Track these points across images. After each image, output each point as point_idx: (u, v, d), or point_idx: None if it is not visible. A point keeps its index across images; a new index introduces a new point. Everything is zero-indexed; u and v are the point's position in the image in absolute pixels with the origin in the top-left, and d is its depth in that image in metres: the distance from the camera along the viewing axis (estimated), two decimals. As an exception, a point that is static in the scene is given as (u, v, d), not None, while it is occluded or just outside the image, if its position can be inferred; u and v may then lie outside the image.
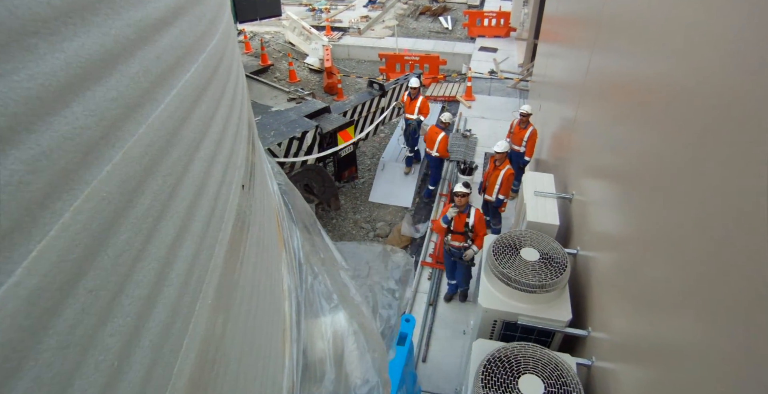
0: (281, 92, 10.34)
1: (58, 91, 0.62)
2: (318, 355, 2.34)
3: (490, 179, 6.57)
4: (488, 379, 2.87)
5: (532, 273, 3.49)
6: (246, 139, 1.68)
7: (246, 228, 1.49)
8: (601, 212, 3.42)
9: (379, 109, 8.59)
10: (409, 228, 7.32)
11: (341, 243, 3.66)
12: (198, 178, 1.06)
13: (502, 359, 3.00)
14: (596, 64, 4.04)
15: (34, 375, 0.57)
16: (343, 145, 7.46)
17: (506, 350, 3.05)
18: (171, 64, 0.95)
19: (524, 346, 3.11)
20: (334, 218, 7.86)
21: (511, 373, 2.90)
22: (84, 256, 0.65)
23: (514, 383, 2.85)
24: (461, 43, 15.23)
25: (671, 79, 2.28)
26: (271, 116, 7.28)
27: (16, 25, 0.56)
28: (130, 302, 0.76)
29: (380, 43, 14.90)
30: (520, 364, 2.95)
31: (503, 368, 2.94)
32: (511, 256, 3.65)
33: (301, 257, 2.56)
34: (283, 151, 6.56)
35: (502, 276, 3.54)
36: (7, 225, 0.53)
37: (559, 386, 2.80)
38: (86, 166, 0.66)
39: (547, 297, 3.50)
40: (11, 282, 0.53)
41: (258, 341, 1.56)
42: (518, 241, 3.77)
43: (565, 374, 2.87)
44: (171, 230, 0.91)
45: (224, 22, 1.50)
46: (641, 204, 2.47)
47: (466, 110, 10.79)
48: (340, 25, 16.86)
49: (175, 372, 0.91)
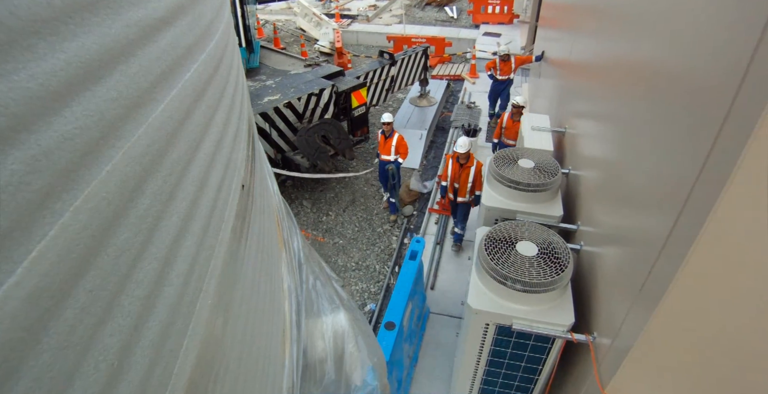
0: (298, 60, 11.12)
1: (58, 91, 0.62)
2: (318, 355, 2.34)
3: (460, 180, 6.23)
4: (490, 245, 3.36)
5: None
6: (246, 139, 1.68)
7: (246, 228, 1.49)
8: (587, 141, 4.00)
9: (389, 77, 9.26)
10: (418, 184, 7.92)
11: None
12: (198, 178, 1.06)
13: (501, 231, 3.50)
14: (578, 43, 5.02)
15: (34, 375, 0.57)
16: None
17: (506, 225, 3.55)
18: (171, 64, 0.95)
19: (521, 223, 3.59)
20: (347, 179, 8.62)
21: (509, 240, 3.42)
22: (84, 256, 0.65)
23: (512, 246, 3.37)
24: (466, 29, 16.32)
25: (629, 54, 3.05)
26: (290, 77, 8.09)
27: (16, 25, 0.56)
28: (130, 302, 0.76)
29: (388, 30, 15.58)
30: (518, 235, 3.47)
31: (503, 237, 3.44)
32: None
33: (301, 257, 2.55)
34: (302, 105, 7.38)
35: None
36: (7, 225, 0.53)
37: (551, 250, 3.28)
38: (86, 166, 0.66)
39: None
40: (11, 282, 0.53)
41: (258, 341, 1.56)
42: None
43: (556, 242, 3.34)
44: (171, 230, 0.91)
45: (224, 22, 1.50)
46: (616, 136, 3.19)
47: (470, 86, 11.88)
48: (348, 13, 17.64)
49: (175, 372, 0.91)
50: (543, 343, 3.30)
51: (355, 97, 8.14)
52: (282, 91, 7.47)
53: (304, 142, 7.33)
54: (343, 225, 7.81)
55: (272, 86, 7.72)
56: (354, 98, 8.12)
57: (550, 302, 3.21)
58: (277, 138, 7.40)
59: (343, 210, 8.08)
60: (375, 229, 7.77)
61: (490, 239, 3.48)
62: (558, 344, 3.24)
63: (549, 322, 3.11)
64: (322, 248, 7.36)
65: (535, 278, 3.11)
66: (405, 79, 9.79)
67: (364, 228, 7.77)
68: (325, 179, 8.32)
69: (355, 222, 7.89)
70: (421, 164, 8.98)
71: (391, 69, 9.20)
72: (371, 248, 7.41)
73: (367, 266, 7.08)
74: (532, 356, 3.45)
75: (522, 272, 3.17)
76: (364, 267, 7.07)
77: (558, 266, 3.19)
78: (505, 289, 3.19)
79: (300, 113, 7.52)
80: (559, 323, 3.09)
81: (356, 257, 7.23)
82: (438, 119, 10.56)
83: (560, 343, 3.22)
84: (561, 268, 3.17)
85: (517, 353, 3.48)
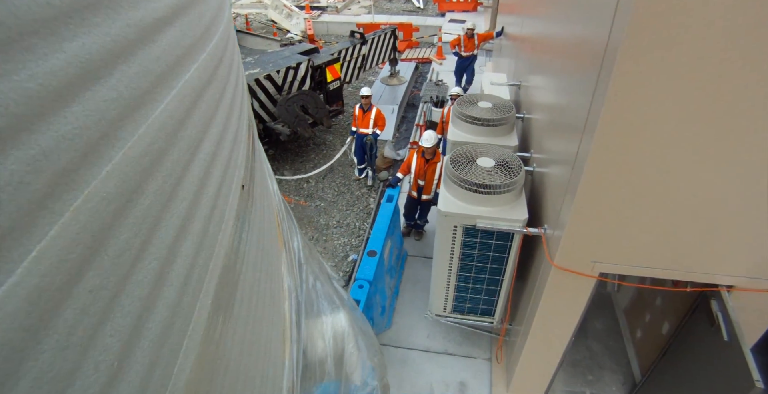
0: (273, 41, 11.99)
1: (58, 91, 0.62)
2: (318, 355, 2.34)
3: (426, 177, 6.11)
4: (455, 161, 4.01)
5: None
6: (246, 139, 1.68)
7: (246, 228, 1.49)
8: (534, 91, 4.97)
9: (361, 56, 9.94)
10: (391, 152, 8.64)
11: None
12: (198, 178, 1.06)
13: (464, 151, 4.14)
14: (526, 23, 6.21)
15: (34, 375, 0.57)
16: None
17: (468, 147, 4.20)
18: (171, 64, 0.95)
19: (481, 145, 4.25)
20: (325, 150, 9.29)
21: (471, 157, 4.07)
22: (84, 256, 0.65)
23: (473, 162, 4.01)
24: (432, 17, 17.38)
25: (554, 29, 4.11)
26: (268, 54, 8.73)
27: (16, 25, 0.56)
28: (130, 302, 0.76)
29: (357, 19, 16.23)
30: (478, 154, 4.13)
31: (466, 155, 4.10)
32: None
33: (301, 258, 2.56)
34: (281, 78, 7.96)
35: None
36: (7, 225, 0.53)
37: (505, 163, 3.97)
38: (86, 166, 0.66)
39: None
40: (11, 282, 0.53)
41: (258, 341, 1.56)
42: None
43: (509, 157, 4.06)
44: (171, 230, 0.91)
45: (224, 22, 1.50)
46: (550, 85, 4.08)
47: (438, 66, 13.00)
48: (318, 4, 18.34)
49: (175, 372, 0.91)
50: (504, 241, 3.89)
51: (330, 71, 8.75)
52: (261, 65, 8.04)
53: (285, 111, 7.90)
54: (323, 190, 8.36)
55: (251, 62, 8.25)
56: (329, 72, 8.73)
57: (506, 204, 3.81)
58: (259, 109, 7.92)
59: (323, 177, 8.65)
60: (353, 192, 8.32)
61: (455, 157, 4.09)
62: (516, 240, 3.83)
63: (507, 218, 3.71)
64: (304, 210, 7.84)
65: (492, 181, 3.74)
66: (376, 58, 10.52)
67: (343, 192, 8.32)
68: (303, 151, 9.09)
69: (335, 187, 8.45)
70: (394, 136, 9.88)
71: (362, 48, 9.87)
72: (351, 208, 7.95)
73: (348, 224, 7.60)
74: (496, 256, 4.04)
75: (482, 178, 3.78)
76: (345, 225, 7.58)
77: (511, 173, 3.83)
78: (468, 193, 3.78)
79: (279, 86, 8.06)
80: (516, 219, 3.70)
81: (337, 217, 7.74)
82: (408, 97, 11.48)
83: (518, 239, 3.81)
84: (514, 174, 3.81)
85: (484, 255, 4.06)
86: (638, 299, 5.20)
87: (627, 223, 2.76)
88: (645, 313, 4.91)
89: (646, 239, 2.83)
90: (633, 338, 5.21)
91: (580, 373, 4.98)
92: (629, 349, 5.20)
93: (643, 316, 4.94)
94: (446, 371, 4.96)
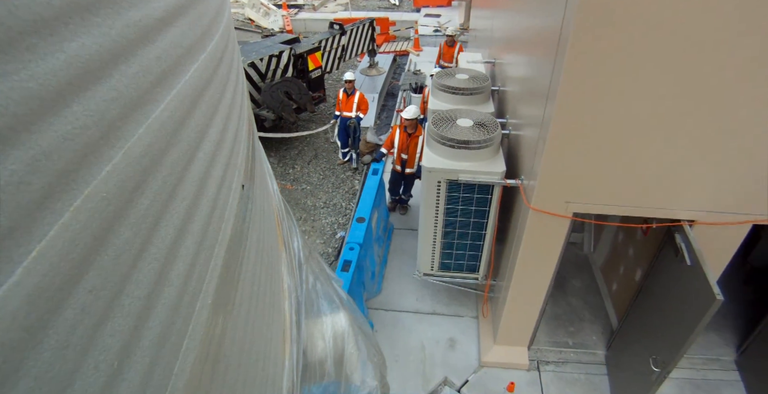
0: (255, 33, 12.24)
1: (58, 91, 0.62)
2: (318, 355, 2.34)
3: (409, 150, 6.34)
4: (437, 122, 4.40)
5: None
6: (246, 139, 1.68)
7: (246, 228, 1.49)
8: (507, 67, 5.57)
9: (341, 46, 10.32)
10: (374, 137, 8.99)
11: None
12: (198, 178, 1.06)
13: (445, 114, 4.54)
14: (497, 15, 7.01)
15: (34, 375, 0.57)
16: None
17: (448, 111, 4.61)
18: (171, 64, 0.95)
19: (460, 110, 4.67)
20: (309, 137, 9.70)
21: (451, 119, 4.47)
22: (84, 256, 0.65)
23: (453, 122, 4.39)
24: (408, 13, 18.22)
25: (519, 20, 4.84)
26: (251, 44, 9.13)
27: (16, 25, 0.56)
28: (130, 302, 0.76)
29: (335, 16, 16.72)
30: (457, 116, 4.51)
31: (446, 116, 4.50)
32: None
33: (301, 258, 2.55)
34: (264, 65, 8.31)
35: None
36: (7, 225, 0.53)
37: (482, 123, 4.36)
38: (86, 166, 0.66)
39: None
40: (11, 282, 0.53)
41: (258, 341, 1.56)
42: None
43: (486, 119, 4.46)
44: (171, 230, 0.91)
45: (224, 22, 1.50)
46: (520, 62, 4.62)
47: (415, 57, 13.60)
48: (295, 2, 18.84)
49: (175, 372, 0.91)
50: (485, 194, 4.23)
51: (312, 60, 9.14)
52: (245, 54, 8.28)
53: (269, 97, 8.17)
54: (309, 175, 8.70)
55: (235, 52, 8.69)
56: (310, 61, 9.12)
57: (485, 159, 4.19)
58: None
59: (308, 163, 9.01)
60: (338, 175, 8.69)
61: (437, 118, 4.47)
62: (496, 193, 4.19)
63: (487, 171, 4.07)
64: (291, 194, 8.10)
65: (471, 138, 4.12)
66: (355, 49, 10.92)
67: (329, 176, 8.68)
68: (287, 139, 9.32)
69: (320, 172, 8.79)
70: (375, 123, 10.42)
71: (341, 38, 10.24)
72: (336, 190, 8.28)
73: (334, 204, 7.91)
74: (478, 210, 4.38)
75: (462, 135, 4.15)
76: (332, 205, 7.90)
77: (488, 131, 4.23)
78: (450, 150, 4.14)
79: (263, 73, 8.39)
80: (495, 171, 4.07)
81: (324, 198, 8.06)
82: (387, 87, 12.00)
83: (498, 192, 4.18)
84: (491, 132, 4.22)
85: (466, 210, 4.39)
86: (612, 255, 5.60)
87: (592, 168, 3.26)
88: (619, 266, 5.28)
89: (611, 181, 3.31)
90: (609, 291, 5.60)
91: (561, 326, 5.34)
92: (606, 302, 5.59)
93: (618, 269, 5.32)
94: (436, 330, 5.28)
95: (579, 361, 5.00)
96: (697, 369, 4.90)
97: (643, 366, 3.83)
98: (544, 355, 5.05)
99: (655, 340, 3.83)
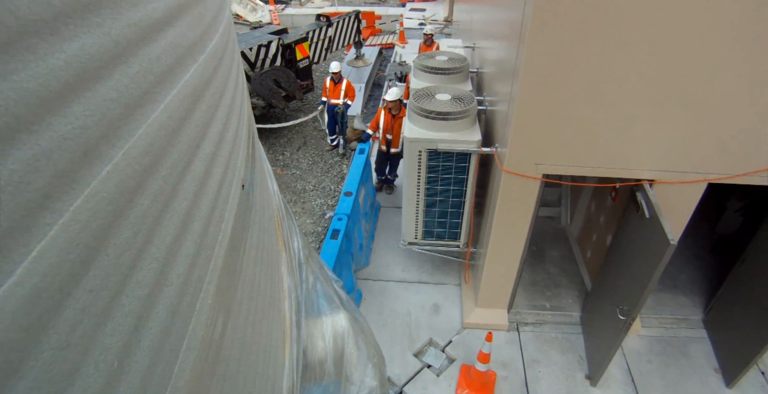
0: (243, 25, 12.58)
1: (58, 91, 0.62)
2: (318, 355, 2.34)
3: (393, 130, 6.62)
4: (417, 96, 4.73)
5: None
6: (246, 139, 1.68)
7: (246, 228, 1.49)
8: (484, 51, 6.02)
9: (327, 38, 10.61)
10: (361, 124, 9.37)
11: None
12: (198, 178, 1.06)
13: (424, 89, 4.89)
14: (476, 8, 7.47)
15: (34, 375, 0.57)
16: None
17: (427, 87, 4.96)
18: (171, 64, 0.95)
19: (439, 86, 4.99)
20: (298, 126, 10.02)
21: (430, 94, 4.79)
22: (84, 256, 0.65)
23: (432, 96, 4.73)
24: (393, 7, 19.08)
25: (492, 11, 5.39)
26: (239, 35, 9.24)
27: (16, 25, 0.56)
28: (130, 302, 0.76)
29: (321, 11, 17.26)
30: (436, 92, 4.84)
31: (425, 92, 4.84)
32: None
33: (301, 258, 2.55)
34: (253, 55, 8.69)
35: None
36: (7, 225, 0.53)
37: (459, 97, 4.70)
38: (86, 166, 0.66)
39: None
40: (11, 282, 0.53)
41: (258, 341, 1.56)
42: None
43: (463, 93, 4.81)
44: (171, 230, 0.91)
45: (224, 22, 1.50)
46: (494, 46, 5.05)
47: (401, 49, 14.28)
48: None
49: (175, 372, 0.91)
50: (463, 163, 4.55)
51: (299, 50, 9.43)
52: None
53: (259, 85, 8.41)
54: (298, 161, 9.05)
55: (224, 42, 9.03)
56: (298, 51, 9.41)
57: (462, 129, 4.51)
58: None
59: (297, 150, 9.38)
60: (327, 161, 9.04)
61: (416, 93, 4.80)
62: (473, 162, 4.51)
63: (464, 140, 4.40)
64: (281, 178, 8.42)
65: (449, 109, 4.42)
66: (341, 40, 11.18)
67: (317, 161, 9.04)
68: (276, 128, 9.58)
69: (309, 157, 9.15)
70: (362, 111, 10.80)
71: (328, 30, 10.50)
72: (325, 174, 8.64)
73: (323, 187, 8.26)
74: (457, 178, 4.69)
75: (441, 107, 4.47)
76: (321, 188, 8.24)
77: (465, 104, 4.55)
78: (429, 121, 4.46)
79: (252, 62, 8.70)
80: (471, 140, 4.41)
81: (313, 182, 8.39)
82: (374, 78, 12.41)
83: (475, 161, 4.50)
84: (467, 104, 4.55)
85: (446, 178, 4.71)
86: (586, 225, 6.04)
87: (556, 134, 3.65)
88: (593, 234, 5.69)
89: (574, 145, 3.69)
90: (584, 258, 6.02)
91: (540, 291, 5.75)
92: (582, 268, 6.01)
93: (591, 237, 5.73)
94: (421, 297, 5.73)
95: (556, 322, 5.38)
96: (667, 328, 5.34)
97: (612, 319, 4.14)
98: (523, 317, 5.42)
99: (622, 292, 4.15)
